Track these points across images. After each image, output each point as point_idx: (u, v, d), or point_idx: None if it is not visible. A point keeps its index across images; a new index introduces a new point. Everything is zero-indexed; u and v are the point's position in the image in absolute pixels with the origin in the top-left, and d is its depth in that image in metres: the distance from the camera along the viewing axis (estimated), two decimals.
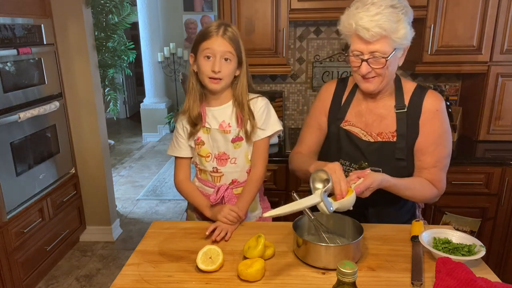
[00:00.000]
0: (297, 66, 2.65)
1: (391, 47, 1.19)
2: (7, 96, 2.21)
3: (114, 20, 3.30)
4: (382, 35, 1.16)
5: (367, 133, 1.35)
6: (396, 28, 1.17)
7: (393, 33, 1.17)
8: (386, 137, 1.32)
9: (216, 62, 1.34)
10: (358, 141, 1.34)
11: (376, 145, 1.32)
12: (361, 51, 1.21)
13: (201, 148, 1.46)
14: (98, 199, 3.01)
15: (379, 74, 1.24)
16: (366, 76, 1.25)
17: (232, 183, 1.48)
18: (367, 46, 1.19)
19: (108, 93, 3.64)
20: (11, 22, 2.24)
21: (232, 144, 1.44)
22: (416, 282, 1.01)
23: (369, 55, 1.20)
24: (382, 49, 1.19)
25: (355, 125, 1.37)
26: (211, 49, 1.34)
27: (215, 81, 1.36)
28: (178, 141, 1.49)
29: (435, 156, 1.32)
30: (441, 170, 1.34)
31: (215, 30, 1.35)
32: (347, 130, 1.37)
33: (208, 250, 1.10)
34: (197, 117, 1.44)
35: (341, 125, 1.38)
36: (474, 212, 2.17)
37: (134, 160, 5.23)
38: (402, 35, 1.19)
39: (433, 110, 1.31)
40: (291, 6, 2.19)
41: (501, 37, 2.18)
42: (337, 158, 1.36)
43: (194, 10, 6.04)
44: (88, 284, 2.58)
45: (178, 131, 1.50)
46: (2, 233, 2.16)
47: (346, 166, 1.36)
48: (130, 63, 3.86)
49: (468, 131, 2.47)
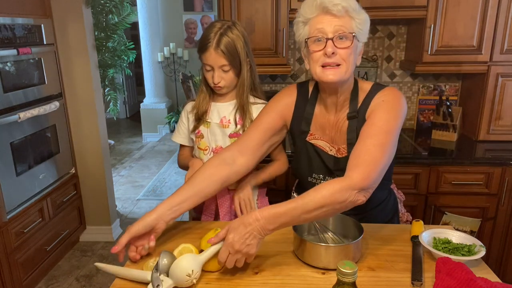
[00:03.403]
0: (297, 66, 2.65)
1: (352, 30, 1.14)
2: (7, 96, 2.21)
3: (114, 20, 3.30)
4: (346, 11, 1.12)
5: (333, 148, 1.29)
6: (359, 10, 1.16)
7: (357, 14, 1.14)
8: (344, 151, 1.27)
9: (215, 75, 1.42)
10: (325, 156, 1.29)
11: (343, 160, 1.23)
12: (324, 30, 1.13)
13: (200, 141, 1.52)
14: (98, 199, 3.01)
15: (344, 59, 1.14)
16: (330, 62, 1.14)
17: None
18: (330, 22, 1.13)
19: (108, 93, 3.64)
20: (11, 22, 2.24)
21: (230, 139, 1.49)
22: (416, 282, 1.01)
23: (333, 33, 1.13)
24: (346, 25, 1.13)
25: (320, 138, 1.31)
26: (208, 64, 1.41)
27: (217, 88, 1.46)
28: (180, 128, 1.60)
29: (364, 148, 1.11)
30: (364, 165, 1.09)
31: (211, 41, 1.37)
32: (313, 144, 1.31)
33: (182, 249, 1.09)
34: (203, 113, 1.51)
35: (307, 138, 1.32)
36: (474, 212, 2.17)
37: (134, 160, 5.23)
38: (363, 19, 1.16)
39: (378, 102, 1.19)
40: (291, 6, 2.19)
41: (501, 37, 2.18)
42: (310, 172, 1.33)
43: (194, 10, 6.04)
44: (88, 284, 2.58)
45: (182, 118, 1.59)
46: (2, 233, 2.16)
47: (320, 180, 1.31)
48: (130, 63, 3.86)
49: (468, 131, 2.47)
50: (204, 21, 6.03)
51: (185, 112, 1.57)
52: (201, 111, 1.50)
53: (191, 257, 1.01)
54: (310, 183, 1.34)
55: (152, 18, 5.71)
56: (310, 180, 1.34)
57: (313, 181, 1.33)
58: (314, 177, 1.33)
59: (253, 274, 1.08)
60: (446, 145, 2.34)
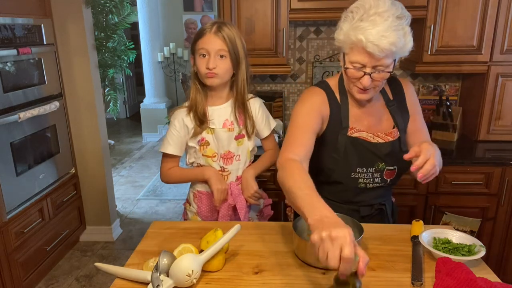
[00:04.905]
0: (297, 66, 2.65)
1: (393, 58, 1.17)
2: (7, 96, 2.21)
3: (114, 20, 3.30)
4: (391, 51, 1.12)
5: (374, 135, 1.32)
6: (404, 42, 1.13)
7: (401, 49, 1.14)
8: (392, 135, 1.33)
9: (210, 59, 1.36)
10: (369, 145, 1.31)
11: (387, 145, 1.31)
12: (364, 64, 1.17)
13: (206, 148, 1.47)
14: (98, 199, 3.01)
15: (377, 86, 1.22)
16: (365, 89, 1.22)
17: (237, 179, 1.51)
18: (370, 60, 1.15)
19: (108, 93, 3.63)
20: (11, 22, 2.24)
21: (236, 142, 1.48)
22: (416, 282, 1.01)
23: (372, 69, 1.17)
24: (386, 63, 1.15)
25: (360, 130, 1.32)
26: (205, 48, 1.36)
27: (210, 75, 1.37)
28: (172, 137, 1.47)
29: (425, 132, 1.36)
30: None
31: (209, 28, 1.38)
32: (356, 137, 1.32)
33: (182, 249, 1.09)
34: (204, 114, 1.44)
35: (349, 133, 1.31)
36: (474, 212, 2.17)
37: (134, 160, 5.23)
38: (408, 48, 1.16)
39: (413, 92, 1.39)
40: (291, 6, 2.19)
41: (501, 37, 2.18)
42: (351, 170, 1.32)
43: (194, 10, 6.04)
44: (88, 284, 2.58)
45: (175, 127, 1.46)
46: (2, 233, 2.16)
47: (363, 173, 1.32)
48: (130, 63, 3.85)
49: (468, 131, 2.47)
50: (204, 21, 6.03)
51: (179, 121, 1.46)
52: (200, 112, 1.43)
53: (191, 257, 1.01)
54: (352, 180, 1.33)
55: (152, 18, 5.71)
56: (353, 176, 1.33)
57: (357, 176, 1.33)
58: (358, 171, 1.32)
59: (253, 274, 1.08)
60: (446, 145, 2.33)
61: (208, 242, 1.11)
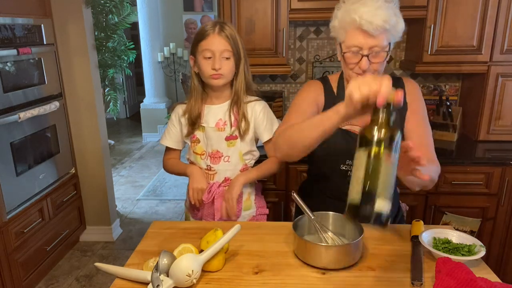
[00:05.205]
0: (297, 66, 2.65)
1: (387, 41, 1.21)
2: (7, 96, 2.21)
3: (114, 20, 3.30)
4: (384, 29, 1.16)
5: None
6: (396, 21, 1.19)
7: (394, 27, 1.18)
8: None
9: (216, 61, 1.36)
10: None
11: None
12: (360, 46, 1.20)
13: (196, 146, 1.49)
14: (98, 199, 3.01)
15: (376, 70, 1.23)
16: (364, 73, 1.22)
17: (225, 181, 1.50)
18: (366, 41, 1.18)
19: (108, 93, 3.63)
20: (11, 22, 2.24)
21: (226, 142, 1.47)
22: (416, 282, 1.01)
23: (369, 50, 1.19)
24: (381, 43, 1.19)
25: (353, 124, 1.35)
26: (209, 49, 1.36)
27: (216, 76, 1.38)
28: (170, 131, 1.54)
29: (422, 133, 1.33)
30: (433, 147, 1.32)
31: (211, 28, 1.37)
32: (347, 130, 1.35)
33: (182, 249, 1.09)
34: (197, 117, 1.46)
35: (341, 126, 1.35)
36: (474, 212, 2.17)
37: (134, 160, 5.23)
38: (400, 29, 1.21)
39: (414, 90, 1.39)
40: (291, 6, 2.19)
41: (501, 37, 2.18)
42: (340, 161, 1.35)
43: (194, 10, 6.04)
44: (88, 284, 2.58)
45: (172, 122, 1.53)
46: (2, 233, 2.16)
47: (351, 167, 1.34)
48: (130, 63, 3.85)
49: (468, 131, 2.47)
50: (204, 21, 6.03)
51: (176, 116, 1.51)
52: (194, 115, 1.45)
53: (191, 257, 1.01)
54: (341, 172, 1.36)
55: (152, 18, 5.71)
56: (342, 168, 1.36)
57: (346, 168, 1.35)
58: (347, 163, 1.35)
59: (253, 274, 1.08)
60: (446, 145, 2.34)
61: (208, 242, 1.11)
